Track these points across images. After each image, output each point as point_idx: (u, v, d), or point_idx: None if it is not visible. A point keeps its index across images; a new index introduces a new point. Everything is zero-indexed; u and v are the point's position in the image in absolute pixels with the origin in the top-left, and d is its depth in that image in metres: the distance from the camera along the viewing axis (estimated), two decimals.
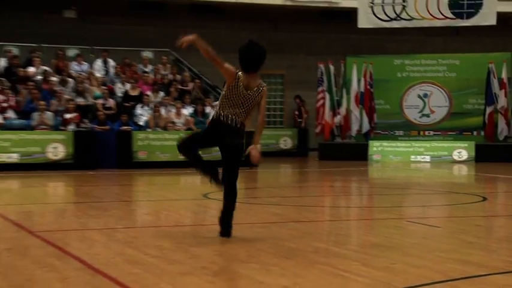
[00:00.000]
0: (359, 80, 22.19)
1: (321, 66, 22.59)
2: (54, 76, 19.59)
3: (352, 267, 5.88)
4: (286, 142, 24.65)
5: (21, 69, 19.32)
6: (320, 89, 22.58)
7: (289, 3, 23.93)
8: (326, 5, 24.25)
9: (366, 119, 22.06)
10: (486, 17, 22.87)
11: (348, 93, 22.33)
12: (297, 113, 24.94)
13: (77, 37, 21.91)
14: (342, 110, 22.28)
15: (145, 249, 6.71)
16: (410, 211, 10.82)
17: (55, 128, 17.80)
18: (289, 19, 25.00)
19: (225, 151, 7.29)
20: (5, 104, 17.88)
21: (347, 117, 22.25)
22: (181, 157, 7.55)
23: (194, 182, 15.40)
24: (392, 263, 6.06)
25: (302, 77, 25.18)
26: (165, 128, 18.64)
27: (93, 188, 14.01)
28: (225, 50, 27.01)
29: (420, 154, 21.58)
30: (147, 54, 21.77)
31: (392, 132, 22.94)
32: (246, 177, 16.58)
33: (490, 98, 21.47)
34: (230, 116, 7.01)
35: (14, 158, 16.96)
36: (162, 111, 18.94)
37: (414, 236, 8.00)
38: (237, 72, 6.99)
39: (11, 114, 17.85)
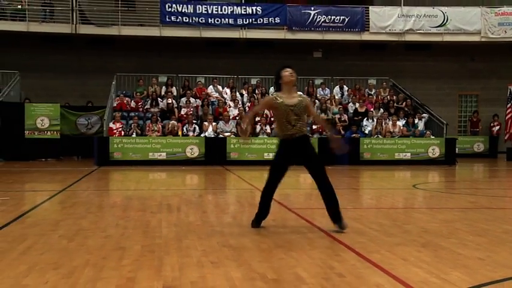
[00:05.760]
0: None
1: (510, 87, 20.95)
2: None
3: None
4: (479, 146, 23.11)
5: None
6: (509, 105, 20.97)
7: (484, 39, 22.42)
8: None
9: None
10: None
11: None
12: (492, 124, 23.27)
13: (322, 70, 22.25)
14: None
15: (369, 224, 6.61)
16: None
17: None
18: (483, 52, 23.38)
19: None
20: (272, 119, 18.58)
21: None
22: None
23: (405, 176, 14.94)
24: None
25: (493, 96, 23.51)
26: (384, 136, 18.30)
27: (331, 178, 13.99)
28: (430, 77, 26.11)
29: None
30: (372, 81, 21.52)
31: None
32: (446, 172, 15.78)
33: None
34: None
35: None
36: (383, 123, 18.61)
37: None
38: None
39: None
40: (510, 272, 4.37)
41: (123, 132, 17.43)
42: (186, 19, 21.12)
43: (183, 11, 21.10)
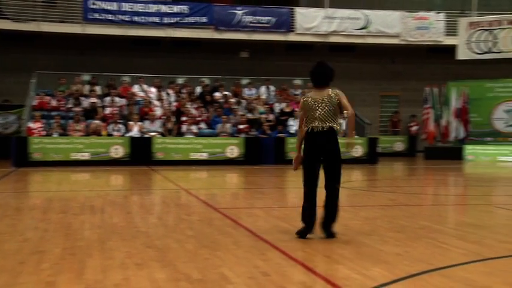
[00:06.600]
0: (457, 99, 21.39)
1: (427, 89, 21.92)
2: (232, 98, 20.11)
3: (450, 241, 5.59)
4: (399, 146, 24.02)
5: (210, 94, 19.98)
6: (426, 106, 21.94)
7: (403, 42, 23.29)
8: (432, 42, 23.44)
9: (462, 129, 21.23)
10: None
11: (448, 109, 21.54)
12: (410, 124, 24.24)
13: (249, 70, 22.38)
14: (443, 122, 21.56)
15: (294, 223, 6.67)
16: (498, 199, 10.15)
17: (232, 135, 18.26)
18: (403, 54, 24.30)
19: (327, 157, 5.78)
20: (199, 118, 18.56)
21: (447, 127, 21.51)
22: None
23: None
24: (483, 238, 5.71)
25: (413, 97, 24.42)
26: None
27: (257, 178, 14.21)
28: (354, 78, 26.78)
29: (506, 155, 20.36)
30: (297, 81, 21.81)
31: (483, 139, 21.76)
32: (369, 171, 16.28)
33: None
34: (313, 127, 5.77)
35: (204, 156, 17.55)
36: None
37: (501, 218, 7.50)
38: (303, 101, 5.99)
39: (202, 125, 18.51)
40: (425, 265, 4.57)
41: (44, 132, 16.81)
42: (110, 17, 20.62)
43: (107, 8, 20.60)
